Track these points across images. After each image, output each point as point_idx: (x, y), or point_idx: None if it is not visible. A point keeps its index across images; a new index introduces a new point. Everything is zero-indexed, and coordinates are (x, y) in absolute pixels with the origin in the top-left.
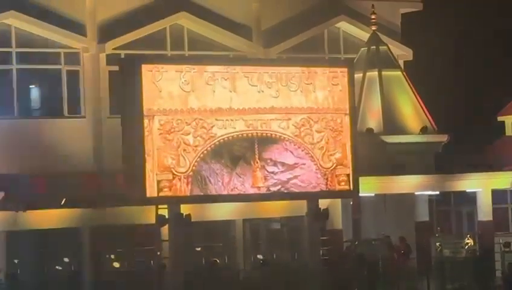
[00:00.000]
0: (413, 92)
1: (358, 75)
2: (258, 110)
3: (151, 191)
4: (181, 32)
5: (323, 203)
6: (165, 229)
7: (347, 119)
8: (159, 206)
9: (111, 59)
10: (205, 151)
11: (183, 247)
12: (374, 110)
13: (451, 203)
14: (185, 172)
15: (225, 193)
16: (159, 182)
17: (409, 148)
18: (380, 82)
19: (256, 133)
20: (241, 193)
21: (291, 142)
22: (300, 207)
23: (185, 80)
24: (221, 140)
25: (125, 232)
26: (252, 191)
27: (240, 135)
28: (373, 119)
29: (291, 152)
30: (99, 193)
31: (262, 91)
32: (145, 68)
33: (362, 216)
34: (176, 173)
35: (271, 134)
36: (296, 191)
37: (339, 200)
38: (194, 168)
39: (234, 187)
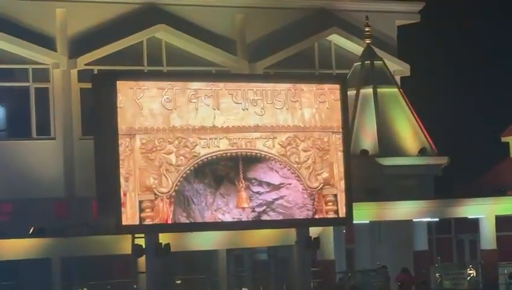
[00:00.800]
0: (411, 111)
1: (351, 92)
2: (243, 129)
3: (132, 212)
4: (159, 46)
5: (314, 231)
6: (142, 260)
7: (334, 137)
8: (136, 235)
9: (83, 75)
10: (188, 171)
11: (162, 279)
12: (369, 130)
13: (452, 230)
14: (168, 192)
15: (208, 213)
16: (140, 202)
17: (406, 172)
18: (375, 100)
19: (241, 152)
20: (226, 213)
21: (277, 161)
22: (289, 236)
23: (167, 98)
24: (205, 159)
25: (99, 264)
26: (236, 211)
27: (224, 154)
28: (368, 140)
29: (277, 172)
30: (71, 220)
31: (247, 109)
32: (126, 85)
33: (356, 245)
34: (158, 193)
35: (256, 153)
36: (283, 211)
37: (331, 228)
38: (176, 188)
39: (218, 208)
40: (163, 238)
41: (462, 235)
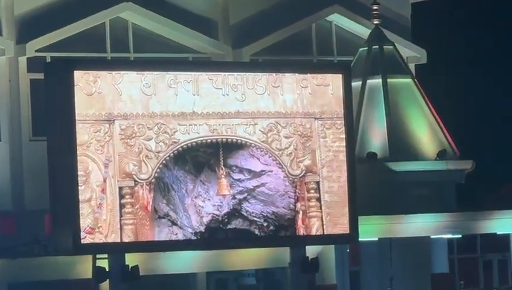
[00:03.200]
0: (428, 105)
1: (356, 84)
2: (223, 115)
3: (112, 198)
4: (125, 28)
5: (311, 250)
6: (105, 286)
7: (317, 124)
8: (98, 256)
9: (34, 64)
10: (168, 158)
11: None
12: (377, 129)
13: (477, 249)
14: (147, 179)
15: (189, 200)
16: (120, 189)
17: (422, 179)
18: (384, 92)
19: (221, 138)
20: (206, 200)
21: (258, 148)
22: (282, 256)
23: (146, 83)
24: (185, 146)
25: None
26: (216, 199)
27: (204, 141)
28: (376, 141)
29: (258, 159)
30: (19, 238)
31: (227, 94)
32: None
33: (362, 267)
34: (137, 179)
35: (236, 140)
36: (264, 199)
37: (332, 246)
38: (156, 175)
39: (198, 195)
40: (131, 259)
41: (490, 254)
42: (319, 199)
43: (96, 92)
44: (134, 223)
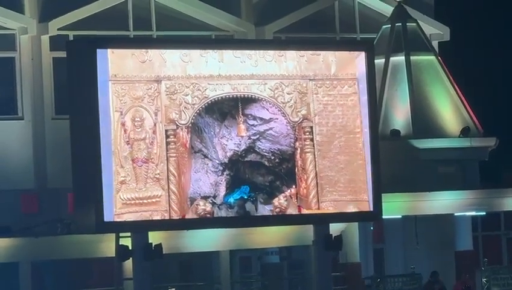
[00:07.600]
0: (451, 83)
1: (379, 61)
2: (241, 77)
3: (160, 138)
4: (147, 6)
5: (335, 228)
6: (128, 264)
7: (311, 83)
8: (121, 234)
9: (56, 42)
10: (200, 108)
11: (152, 287)
12: (401, 107)
13: (501, 226)
14: (186, 124)
15: (216, 139)
16: (166, 130)
17: (446, 156)
18: (407, 69)
19: (240, 94)
20: (229, 140)
21: (267, 101)
22: (305, 234)
23: (184, 53)
24: (213, 100)
25: (76, 268)
26: (236, 139)
27: (227, 96)
28: (399, 119)
29: (267, 109)
30: (42, 217)
31: (244, 61)
32: None
33: (386, 245)
34: (178, 124)
35: (251, 95)
36: (272, 139)
37: (356, 224)
38: (192, 121)
39: (223, 136)
40: (154, 237)
41: None
42: (312, 139)
43: (147, 60)
44: (176, 156)
